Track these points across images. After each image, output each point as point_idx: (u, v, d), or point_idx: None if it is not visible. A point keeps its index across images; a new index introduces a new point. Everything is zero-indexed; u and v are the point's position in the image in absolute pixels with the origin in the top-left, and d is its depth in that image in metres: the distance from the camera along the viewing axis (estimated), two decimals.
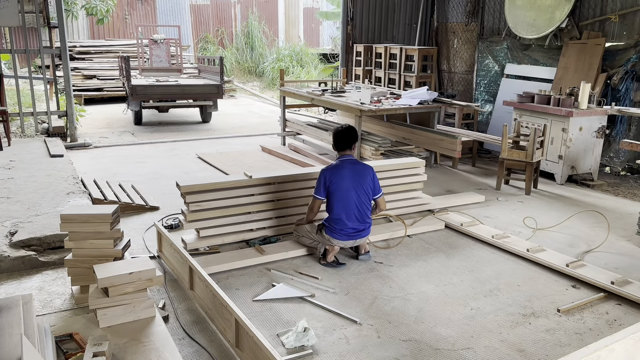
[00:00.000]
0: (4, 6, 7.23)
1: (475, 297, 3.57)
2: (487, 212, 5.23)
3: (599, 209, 5.28)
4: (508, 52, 8.56)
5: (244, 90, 15.82)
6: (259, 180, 4.41)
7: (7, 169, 5.80)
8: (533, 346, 3.01)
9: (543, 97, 6.48)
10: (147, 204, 5.17)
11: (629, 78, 6.70)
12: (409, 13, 10.45)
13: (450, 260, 4.15)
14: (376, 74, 10.22)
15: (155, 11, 18.24)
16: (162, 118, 10.85)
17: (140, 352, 2.62)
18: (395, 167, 5.09)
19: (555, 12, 7.55)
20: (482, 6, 9.12)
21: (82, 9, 14.86)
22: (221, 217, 4.31)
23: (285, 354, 2.83)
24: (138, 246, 4.29)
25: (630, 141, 5.34)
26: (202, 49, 17.90)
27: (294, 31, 20.27)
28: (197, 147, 8.15)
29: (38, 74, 11.67)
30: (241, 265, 3.92)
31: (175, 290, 3.60)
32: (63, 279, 3.61)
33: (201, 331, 3.11)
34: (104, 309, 2.86)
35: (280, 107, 8.57)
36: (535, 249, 4.21)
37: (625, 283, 3.65)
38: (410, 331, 3.13)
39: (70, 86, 8.07)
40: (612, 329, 3.14)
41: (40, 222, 4.16)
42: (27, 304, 2.73)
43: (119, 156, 7.45)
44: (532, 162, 5.86)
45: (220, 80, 10.06)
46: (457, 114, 8.03)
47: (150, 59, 11.98)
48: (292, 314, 3.29)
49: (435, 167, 7.14)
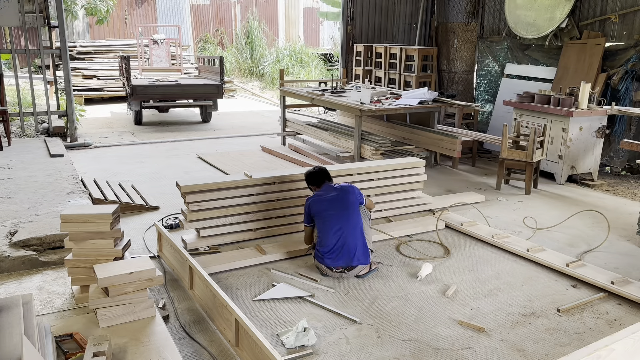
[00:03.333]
0: (4, 6, 7.23)
1: (475, 297, 3.57)
2: (487, 212, 5.23)
3: (599, 209, 5.28)
4: (508, 52, 8.56)
5: (244, 90, 15.82)
6: (259, 180, 4.41)
7: (7, 169, 5.80)
8: (533, 346, 3.01)
9: (543, 97, 6.48)
10: (147, 204, 5.17)
11: (629, 78, 6.70)
12: (409, 13, 10.46)
13: (450, 260, 4.15)
14: (376, 74, 10.22)
15: (155, 11, 18.25)
16: (162, 118, 10.86)
17: (141, 352, 2.62)
18: (395, 167, 5.09)
19: (555, 12, 7.55)
20: (482, 6, 9.12)
21: (82, 9, 14.87)
22: (221, 217, 4.31)
23: (285, 353, 2.83)
24: (138, 246, 4.29)
25: (630, 141, 5.34)
26: (202, 49, 17.90)
27: (294, 31, 20.27)
28: (197, 147, 8.15)
29: (38, 73, 11.69)
30: (241, 265, 3.92)
31: (175, 290, 3.60)
32: (63, 278, 3.61)
33: (201, 331, 3.11)
34: (104, 308, 2.86)
35: (280, 107, 8.57)
36: (535, 249, 4.21)
37: (626, 283, 3.65)
38: (410, 331, 3.13)
39: (70, 86, 8.08)
40: (612, 329, 3.14)
41: (41, 222, 4.16)
42: (27, 304, 2.72)
43: (119, 156, 7.45)
44: (532, 162, 5.86)
45: (221, 80, 10.06)
46: (457, 114, 8.03)
47: (150, 59, 11.99)
48: (292, 314, 3.29)
49: (435, 167, 7.14)
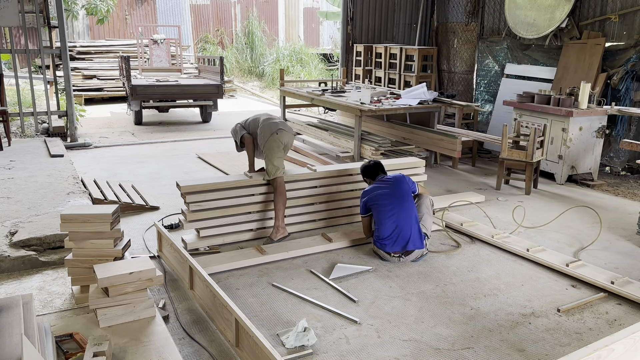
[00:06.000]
0: (4, 6, 7.23)
1: (475, 297, 3.57)
2: (487, 212, 5.23)
3: (598, 209, 5.28)
4: (508, 52, 8.56)
5: (244, 90, 15.82)
6: (260, 180, 4.41)
7: (7, 169, 5.80)
8: (533, 346, 3.01)
9: (543, 97, 6.48)
10: (147, 204, 5.17)
11: (629, 78, 6.70)
12: (409, 13, 10.46)
13: (450, 260, 4.15)
14: (376, 74, 10.22)
15: (155, 11, 18.24)
16: (162, 118, 10.85)
17: (141, 352, 2.62)
18: (395, 167, 5.08)
19: (555, 12, 7.55)
20: (482, 6, 9.12)
21: (82, 9, 14.87)
22: (221, 217, 4.31)
23: (285, 354, 2.83)
24: (138, 246, 4.29)
25: (630, 141, 5.34)
26: (202, 49, 17.90)
27: (294, 31, 20.27)
28: (197, 147, 8.15)
29: (38, 74, 11.68)
30: (241, 265, 3.93)
31: (175, 290, 3.60)
32: (63, 278, 3.61)
33: (201, 331, 3.11)
34: (104, 308, 2.86)
35: (280, 107, 8.58)
36: (536, 249, 4.21)
37: (626, 283, 3.65)
38: (410, 331, 3.13)
39: (70, 86, 8.08)
40: (612, 329, 3.14)
41: (41, 222, 4.16)
42: (27, 304, 2.72)
43: (119, 156, 7.45)
44: (532, 162, 5.86)
45: (221, 80, 10.06)
46: (457, 114, 8.03)
47: (150, 59, 11.99)
48: (292, 314, 3.29)
49: (435, 167, 7.14)
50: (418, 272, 3.93)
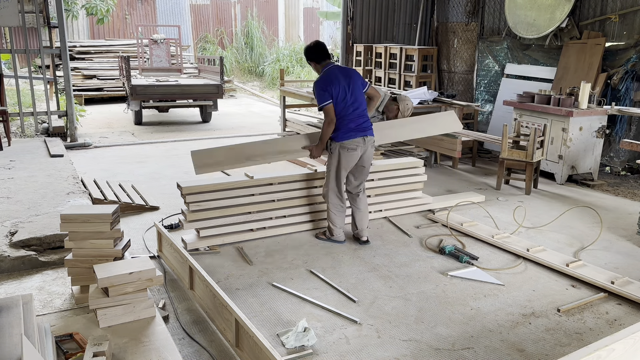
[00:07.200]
0: (4, 6, 7.23)
1: (475, 297, 3.57)
2: (488, 212, 5.22)
3: (598, 209, 5.28)
4: (508, 52, 8.56)
5: (244, 90, 15.82)
6: (260, 181, 4.42)
7: (7, 169, 5.80)
8: (533, 346, 3.01)
9: (543, 97, 6.48)
10: (147, 204, 5.17)
11: (629, 78, 6.69)
12: (409, 13, 10.45)
13: (450, 260, 4.15)
14: (376, 74, 10.21)
15: (155, 11, 18.24)
16: (162, 118, 10.85)
17: (141, 352, 2.62)
18: (395, 167, 5.09)
19: (555, 11, 7.55)
20: (482, 6, 9.11)
21: (82, 9, 14.87)
22: (221, 217, 4.31)
23: (285, 354, 2.83)
24: (138, 246, 4.29)
25: (630, 141, 5.34)
26: (202, 49, 17.90)
27: (294, 31, 20.27)
28: (197, 147, 8.03)
29: (38, 73, 11.67)
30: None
31: (175, 290, 3.60)
32: (63, 279, 3.61)
33: (201, 331, 3.11)
34: (104, 309, 2.86)
35: (280, 107, 8.58)
36: (536, 249, 4.21)
37: (626, 283, 3.65)
38: (410, 331, 3.13)
39: (70, 86, 8.08)
40: (613, 329, 3.14)
41: (41, 222, 4.16)
42: (27, 304, 2.72)
43: (119, 156, 7.45)
44: (532, 162, 5.85)
45: (220, 80, 10.06)
46: (457, 114, 8.01)
47: (150, 58, 11.99)
48: (292, 314, 3.29)
49: (435, 167, 7.14)
50: (418, 272, 3.92)
